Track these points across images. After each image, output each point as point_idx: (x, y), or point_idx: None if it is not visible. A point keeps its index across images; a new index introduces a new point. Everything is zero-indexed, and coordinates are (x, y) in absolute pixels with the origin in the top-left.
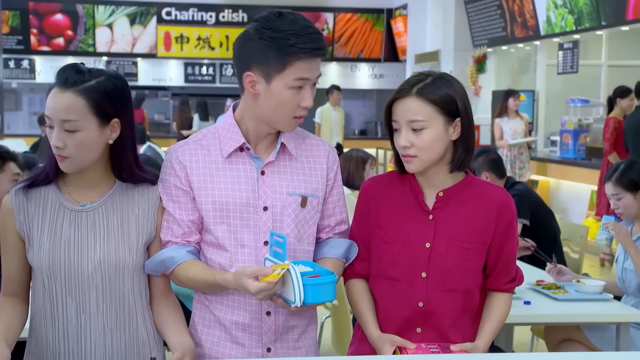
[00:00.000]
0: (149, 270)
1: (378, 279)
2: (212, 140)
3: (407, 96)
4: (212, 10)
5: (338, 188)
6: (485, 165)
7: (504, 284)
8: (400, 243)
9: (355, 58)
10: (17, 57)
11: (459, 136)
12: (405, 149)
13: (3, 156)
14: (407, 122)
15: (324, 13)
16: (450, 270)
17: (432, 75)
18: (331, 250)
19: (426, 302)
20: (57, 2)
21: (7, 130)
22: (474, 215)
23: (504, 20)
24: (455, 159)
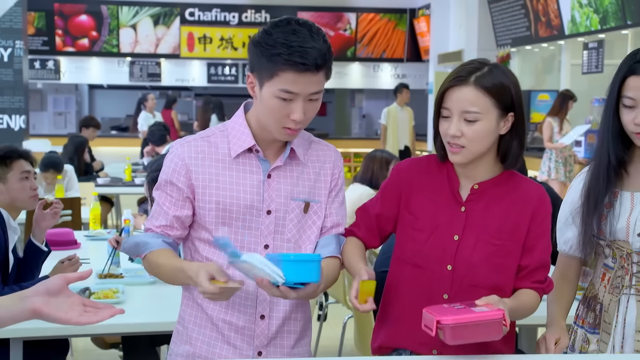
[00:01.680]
0: (124, 249)
1: (403, 264)
2: (220, 138)
3: (464, 85)
4: (235, 11)
5: (338, 191)
6: None
7: (532, 282)
8: (429, 232)
9: (377, 58)
10: (42, 57)
11: (511, 130)
12: (455, 138)
13: (10, 155)
14: (461, 111)
15: (346, 13)
16: (477, 266)
17: (487, 65)
18: (322, 250)
19: (451, 295)
20: (81, 3)
21: (32, 130)
22: (508, 212)
23: (527, 20)
24: (510, 155)
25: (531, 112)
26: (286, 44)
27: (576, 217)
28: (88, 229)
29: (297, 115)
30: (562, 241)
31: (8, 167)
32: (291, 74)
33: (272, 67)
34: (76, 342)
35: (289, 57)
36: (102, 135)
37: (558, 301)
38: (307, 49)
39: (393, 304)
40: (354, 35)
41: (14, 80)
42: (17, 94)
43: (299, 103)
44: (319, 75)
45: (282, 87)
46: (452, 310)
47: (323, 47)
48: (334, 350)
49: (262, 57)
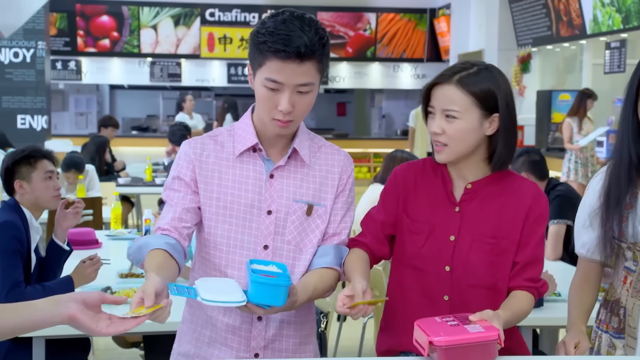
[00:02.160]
0: (129, 255)
1: (403, 267)
2: (227, 138)
3: (447, 83)
4: (255, 11)
5: (345, 197)
6: (525, 166)
7: (524, 280)
8: (426, 234)
9: (397, 58)
10: (64, 58)
11: (498, 132)
12: (436, 135)
13: (34, 154)
14: (442, 109)
15: (366, 13)
16: (473, 266)
17: (477, 66)
18: (319, 260)
19: (452, 297)
20: (103, 4)
21: (54, 130)
22: (503, 210)
23: (549, 19)
24: (495, 156)
25: (552, 112)
26: (273, 32)
27: (594, 219)
28: (109, 229)
29: (283, 106)
30: (580, 244)
31: (32, 167)
32: (275, 62)
33: (260, 55)
34: (97, 341)
35: (273, 44)
36: (123, 135)
37: (578, 305)
38: (293, 37)
39: (396, 308)
40: (373, 35)
41: (36, 80)
42: (39, 95)
43: (286, 93)
44: (306, 66)
45: (268, 76)
46: (445, 327)
47: (312, 38)
48: (354, 350)
49: (253, 46)
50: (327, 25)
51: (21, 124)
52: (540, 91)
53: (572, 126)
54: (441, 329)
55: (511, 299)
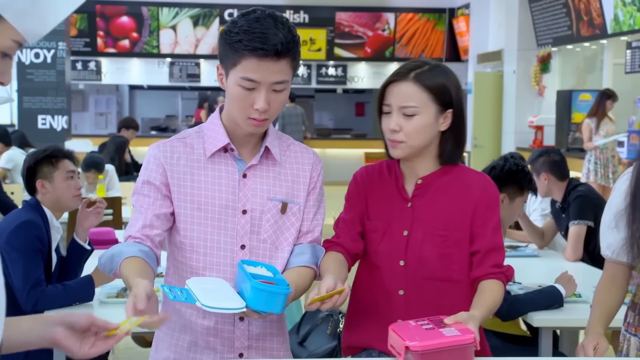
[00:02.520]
0: (101, 266)
1: (363, 265)
2: (196, 139)
3: (403, 80)
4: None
5: (316, 195)
6: (545, 166)
7: (489, 267)
8: (382, 231)
9: (416, 58)
10: (84, 59)
11: (449, 128)
12: (394, 133)
13: (56, 154)
14: (400, 106)
15: (385, 13)
16: (427, 259)
17: (428, 64)
18: (296, 259)
19: (406, 291)
20: (122, 5)
21: (74, 130)
22: (452, 202)
23: (569, 19)
24: (445, 151)
25: (572, 113)
26: (248, 30)
27: (620, 220)
28: None
29: (259, 105)
30: (605, 246)
31: (54, 167)
32: (252, 60)
33: (234, 54)
34: None
35: (250, 42)
36: (142, 135)
37: (599, 306)
38: (269, 35)
39: (357, 305)
40: (392, 35)
41: (56, 81)
42: (59, 95)
43: (262, 92)
44: (281, 63)
45: (244, 75)
46: (420, 331)
47: (287, 36)
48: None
49: (227, 46)
50: (346, 25)
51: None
52: (560, 91)
53: (591, 127)
54: (416, 333)
55: (481, 293)
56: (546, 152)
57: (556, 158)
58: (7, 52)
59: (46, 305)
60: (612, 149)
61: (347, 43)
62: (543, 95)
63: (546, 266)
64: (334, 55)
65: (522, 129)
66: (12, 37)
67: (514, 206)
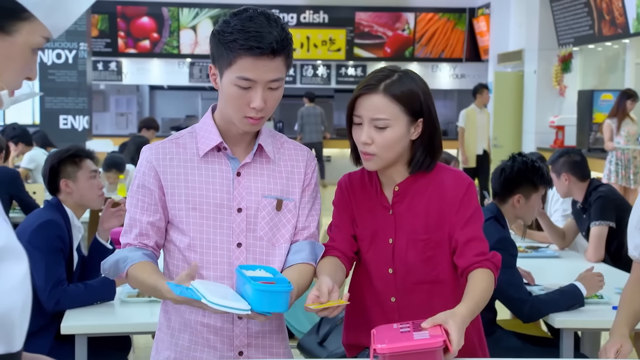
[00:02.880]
0: (104, 271)
1: (358, 272)
2: (189, 139)
3: (374, 92)
4: (293, 12)
5: (311, 191)
6: (565, 167)
7: (472, 256)
8: (369, 239)
9: (436, 58)
10: (105, 59)
11: (419, 137)
12: (365, 145)
13: (79, 154)
14: (371, 119)
15: (405, 13)
16: (413, 264)
17: (397, 72)
18: (294, 257)
19: (398, 298)
20: (143, 6)
21: (95, 130)
22: (429, 205)
23: (591, 18)
24: (414, 160)
25: (594, 113)
26: (243, 29)
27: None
28: None
29: (256, 103)
30: (632, 247)
31: (78, 166)
32: (248, 59)
33: (229, 54)
34: (137, 340)
35: (245, 42)
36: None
37: (626, 307)
38: (264, 33)
39: (354, 307)
40: (412, 35)
41: (78, 81)
42: (80, 95)
43: (258, 90)
44: (277, 61)
45: (240, 75)
46: (395, 334)
47: (281, 34)
48: None
49: (220, 45)
50: (366, 25)
51: (63, 124)
52: (582, 91)
53: (612, 127)
54: (389, 336)
55: (469, 286)
56: (566, 152)
57: (577, 158)
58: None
59: (68, 304)
60: (633, 150)
61: (367, 43)
62: (564, 95)
63: (567, 267)
64: (353, 55)
65: (542, 129)
66: (42, 34)
67: (530, 203)
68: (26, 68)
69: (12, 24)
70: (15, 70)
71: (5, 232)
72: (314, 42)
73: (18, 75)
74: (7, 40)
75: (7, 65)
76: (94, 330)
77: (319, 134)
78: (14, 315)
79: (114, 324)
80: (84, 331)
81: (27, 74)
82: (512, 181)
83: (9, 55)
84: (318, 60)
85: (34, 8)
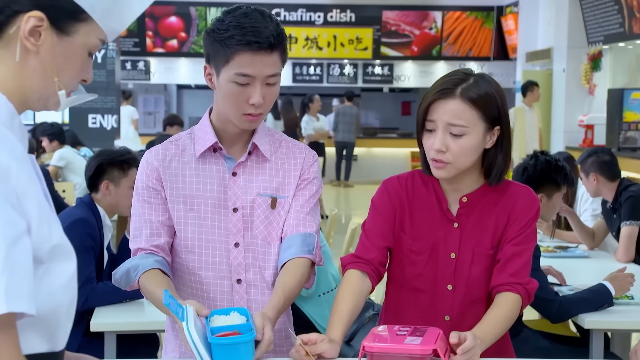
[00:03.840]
0: (116, 282)
1: (400, 288)
2: (187, 141)
3: (450, 97)
4: (320, 11)
5: (311, 190)
6: (593, 167)
7: (508, 276)
8: (427, 254)
9: (463, 57)
10: (133, 58)
11: (496, 144)
12: (439, 153)
13: (130, 162)
14: (446, 124)
15: (432, 12)
16: (476, 281)
17: (472, 75)
18: (285, 254)
19: (453, 316)
20: (171, 5)
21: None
22: (499, 219)
23: (621, 16)
24: (494, 170)
25: (624, 112)
26: (239, 25)
27: None
28: None
29: (255, 99)
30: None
31: (124, 173)
32: (246, 55)
33: (226, 51)
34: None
35: (243, 37)
36: None
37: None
38: (260, 28)
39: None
40: (439, 33)
41: (106, 80)
42: (109, 94)
43: (257, 86)
44: (274, 56)
45: (238, 71)
46: (391, 335)
47: (276, 29)
48: None
49: (216, 43)
50: (392, 24)
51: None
52: (612, 90)
53: None
54: (384, 337)
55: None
56: (595, 152)
57: (605, 158)
58: (93, 51)
59: (96, 302)
60: None
61: (394, 42)
62: (593, 94)
63: (597, 267)
64: (380, 54)
65: (571, 128)
66: (99, 37)
67: (552, 203)
68: (83, 70)
69: (70, 24)
70: (72, 71)
71: (58, 231)
72: (340, 40)
73: (75, 77)
74: (66, 41)
75: (65, 65)
76: (123, 327)
77: (352, 134)
78: (60, 315)
79: (143, 322)
80: (113, 328)
81: (83, 76)
82: (534, 180)
83: (67, 56)
84: (345, 59)
85: (91, 9)
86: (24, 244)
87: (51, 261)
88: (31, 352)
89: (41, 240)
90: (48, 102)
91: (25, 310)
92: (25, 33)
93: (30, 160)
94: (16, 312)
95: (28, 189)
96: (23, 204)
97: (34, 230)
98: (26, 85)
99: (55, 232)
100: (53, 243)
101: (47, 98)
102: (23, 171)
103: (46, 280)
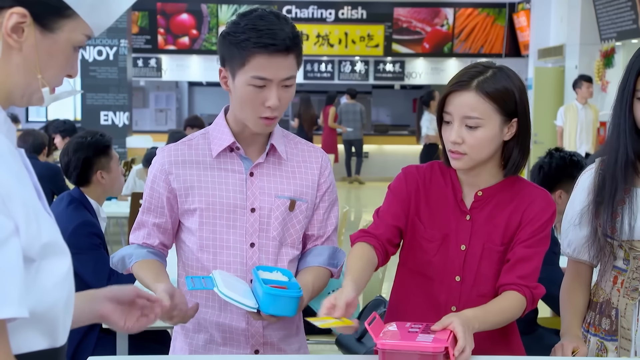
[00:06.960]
0: (113, 265)
1: (410, 273)
2: (201, 141)
3: (465, 90)
4: (332, 8)
5: (330, 196)
6: None
7: (516, 277)
8: (438, 242)
9: (475, 54)
10: (145, 56)
11: (514, 137)
12: (455, 145)
13: (107, 142)
14: (462, 117)
15: (444, 9)
16: (484, 275)
17: (492, 68)
18: (314, 259)
19: (459, 307)
20: (182, 2)
21: (134, 126)
22: (511, 217)
23: (634, 12)
24: (510, 162)
25: None
26: (255, 28)
27: (584, 217)
28: None
29: (272, 102)
30: (566, 243)
31: (109, 156)
32: (262, 58)
33: (242, 54)
34: None
35: (259, 39)
36: None
37: (571, 308)
38: (276, 30)
39: (399, 313)
40: (451, 30)
41: (118, 78)
42: (121, 92)
43: (273, 89)
44: (290, 58)
45: (254, 74)
46: (403, 332)
47: (292, 31)
48: None
49: (232, 46)
50: (404, 20)
51: (104, 120)
52: None
53: None
54: (396, 334)
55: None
56: None
57: None
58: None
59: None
60: None
61: (405, 39)
62: (606, 90)
63: None
64: (391, 51)
65: None
66: (84, 32)
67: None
68: (68, 65)
69: (55, 21)
70: (56, 67)
71: (50, 228)
72: (352, 38)
73: (59, 73)
74: (49, 38)
75: (49, 62)
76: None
77: (357, 131)
78: (58, 311)
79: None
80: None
81: (69, 71)
82: (551, 177)
83: (51, 53)
84: (356, 56)
85: (77, 5)
86: (11, 246)
87: (43, 259)
88: (32, 350)
89: (30, 239)
90: (32, 99)
91: (15, 314)
92: (8, 30)
93: (19, 154)
94: (5, 318)
95: (14, 187)
96: (8, 205)
97: (22, 229)
98: (9, 82)
99: (45, 229)
100: (43, 241)
101: (30, 95)
102: (6, 169)
103: (40, 279)
